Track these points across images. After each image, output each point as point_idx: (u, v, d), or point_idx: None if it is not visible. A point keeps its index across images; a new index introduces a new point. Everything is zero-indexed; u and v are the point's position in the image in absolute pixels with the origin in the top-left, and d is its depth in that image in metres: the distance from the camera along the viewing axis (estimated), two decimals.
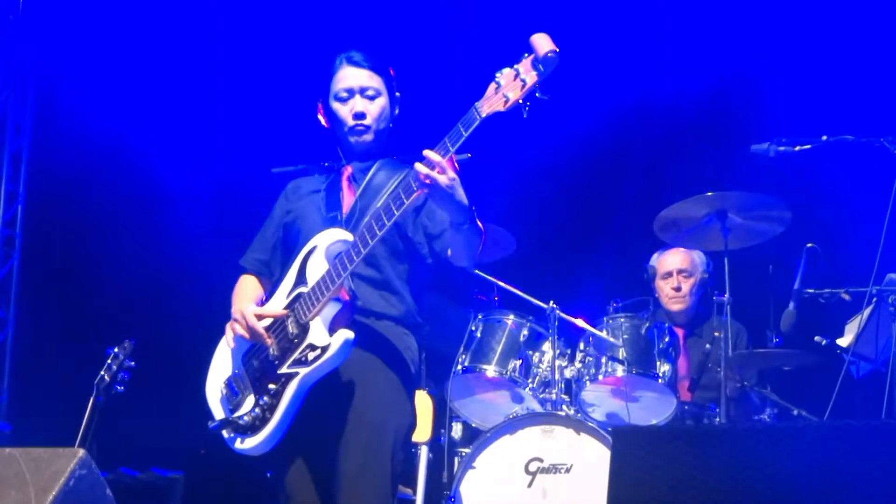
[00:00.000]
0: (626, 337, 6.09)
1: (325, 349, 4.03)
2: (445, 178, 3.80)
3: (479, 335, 6.22)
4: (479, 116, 3.77)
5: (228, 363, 4.35)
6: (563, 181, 8.08)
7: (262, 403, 4.12)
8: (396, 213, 3.92)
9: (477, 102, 3.79)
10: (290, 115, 7.35)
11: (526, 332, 6.19)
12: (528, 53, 3.70)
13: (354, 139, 4.36)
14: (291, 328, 4.13)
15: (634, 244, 7.24)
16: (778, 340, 6.09)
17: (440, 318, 6.69)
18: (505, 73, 3.75)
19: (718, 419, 6.00)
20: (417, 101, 4.56)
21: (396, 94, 4.42)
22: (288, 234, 4.44)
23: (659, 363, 6.02)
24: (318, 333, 4.08)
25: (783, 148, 5.75)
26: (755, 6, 7.72)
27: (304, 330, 4.11)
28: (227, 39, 8.27)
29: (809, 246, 5.88)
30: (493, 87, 3.76)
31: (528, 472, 5.76)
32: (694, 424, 6.03)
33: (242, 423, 4.15)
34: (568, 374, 6.12)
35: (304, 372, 4.06)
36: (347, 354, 4.03)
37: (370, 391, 4.12)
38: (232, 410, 4.24)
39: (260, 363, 4.21)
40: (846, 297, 5.76)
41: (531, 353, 6.17)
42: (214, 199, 8.16)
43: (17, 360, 8.27)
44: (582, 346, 6.19)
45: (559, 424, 5.82)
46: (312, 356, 4.05)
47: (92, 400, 5.57)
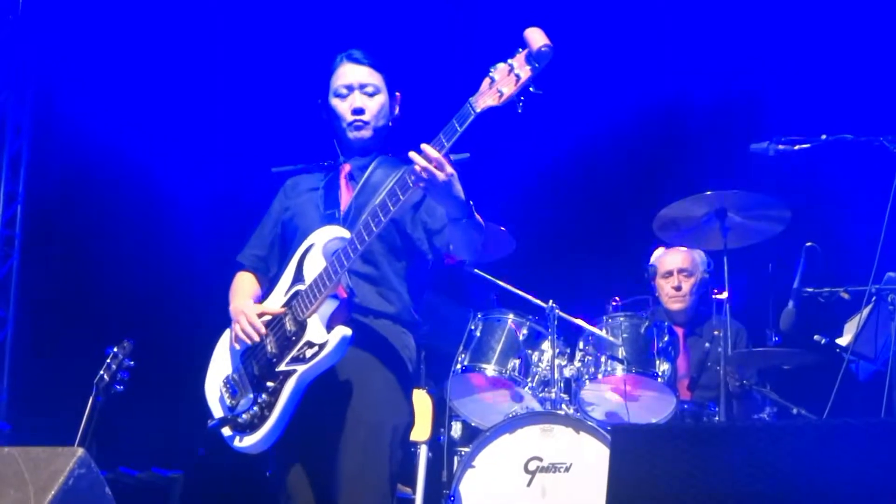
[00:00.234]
0: (625, 336, 6.09)
1: (322, 346, 4.03)
2: (442, 173, 3.81)
3: (478, 334, 6.22)
4: (473, 111, 3.77)
5: (227, 362, 4.35)
6: (562, 180, 8.08)
7: (260, 401, 4.13)
8: (393, 209, 3.93)
9: (471, 97, 3.79)
10: (290, 114, 7.37)
11: (525, 331, 6.19)
12: (521, 48, 3.70)
13: (353, 135, 4.36)
14: (289, 325, 4.14)
15: (634, 243, 7.24)
16: (777, 339, 6.09)
17: (440, 317, 6.70)
18: (499, 67, 3.75)
19: (718, 418, 6.00)
20: (414, 98, 4.56)
21: (396, 93, 4.43)
22: (286, 231, 4.44)
23: (658, 362, 6.02)
24: (315, 330, 4.08)
25: (782, 147, 5.75)
26: (756, 6, 7.72)
27: (301, 327, 4.11)
28: (226, 38, 8.27)
29: (809, 245, 5.88)
30: (487, 82, 3.76)
31: (527, 471, 5.76)
32: (693, 423, 6.03)
33: (241, 421, 4.15)
34: (567, 373, 6.12)
35: (301, 369, 4.06)
36: (345, 351, 4.03)
37: (368, 391, 4.13)
38: (231, 409, 4.24)
39: (258, 361, 4.21)
40: (846, 295, 5.76)
41: (530, 352, 6.17)
42: (214, 198, 8.17)
43: (16, 359, 8.27)
44: (581, 345, 6.19)
45: (558, 423, 5.82)
46: (310, 353, 4.05)
47: (91, 399, 5.57)
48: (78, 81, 8.27)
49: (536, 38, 3.67)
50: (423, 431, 6.10)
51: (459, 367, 6.17)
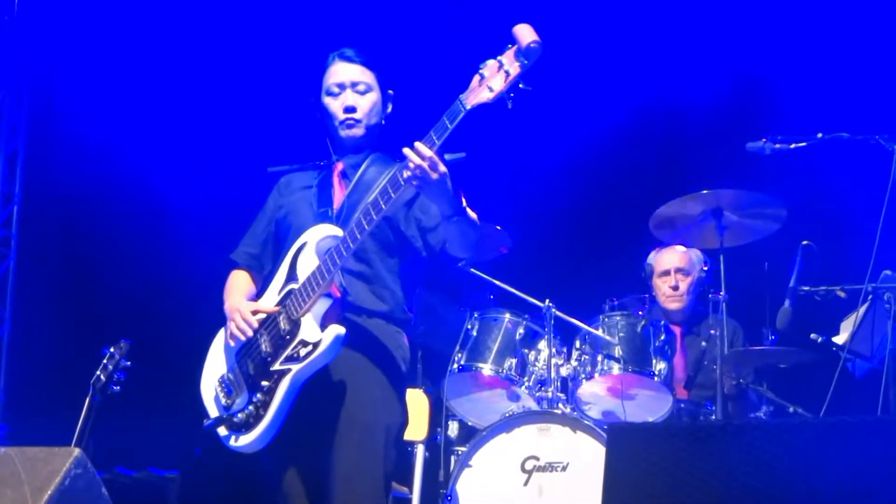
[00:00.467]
0: (622, 335, 6.09)
1: (316, 345, 4.04)
2: (435, 171, 3.81)
3: (475, 334, 6.22)
4: (463, 109, 3.77)
5: (222, 361, 4.35)
6: (559, 180, 8.08)
7: (255, 401, 4.13)
8: (385, 207, 3.94)
9: (461, 95, 3.79)
10: (286, 114, 7.36)
11: (522, 330, 6.19)
12: (511, 44, 3.70)
13: (345, 133, 4.37)
14: (283, 324, 4.14)
15: (630, 243, 7.24)
16: (774, 338, 6.10)
17: (436, 316, 6.70)
18: (489, 64, 3.75)
19: (714, 417, 6.00)
20: (408, 95, 4.56)
21: (389, 91, 4.43)
22: (279, 229, 4.46)
23: (655, 361, 6.02)
24: (309, 329, 4.09)
25: (779, 146, 5.75)
26: (752, 6, 7.72)
27: (295, 326, 4.12)
28: (222, 36, 8.27)
29: (805, 243, 5.88)
30: (477, 78, 3.76)
31: (524, 470, 5.76)
32: (690, 422, 6.03)
33: (236, 420, 4.16)
34: (564, 372, 6.12)
35: (296, 368, 4.07)
36: (339, 350, 4.04)
37: (361, 390, 4.14)
38: (226, 408, 4.24)
39: (253, 360, 4.22)
40: (842, 294, 5.76)
41: (527, 351, 6.17)
42: (210, 198, 8.16)
43: (13, 359, 8.27)
44: (578, 344, 6.19)
45: (555, 423, 5.82)
46: (304, 352, 4.06)
47: (88, 399, 5.57)
48: (74, 81, 8.26)
49: (525, 34, 3.68)
50: (419, 431, 6.10)
51: (456, 366, 6.17)
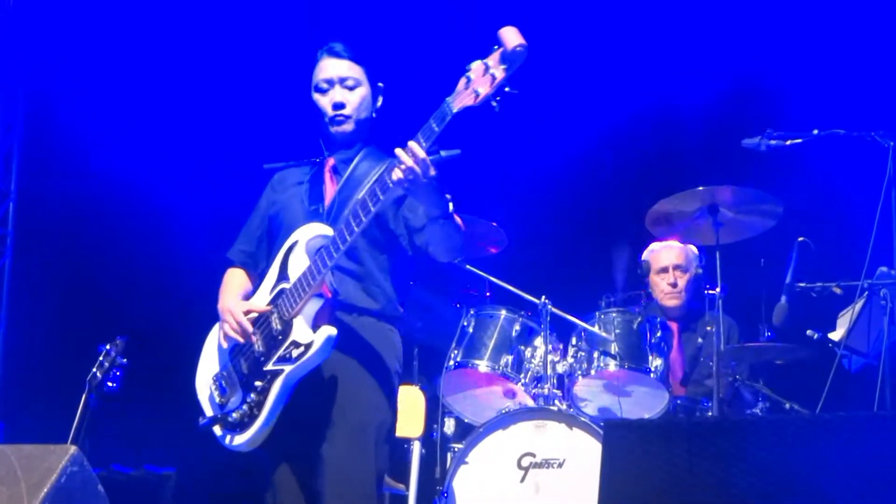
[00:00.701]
0: (618, 332, 6.09)
1: (308, 346, 4.05)
2: (425, 174, 3.83)
3: (470, 330, 6.22)
4: (450, 112, 3.78)
5: (216, 359, 4.36)
6: (554, 176, 8.07)
7: (249, 400, 4.15)
8: (373, 209, 3.95)
9: (448, 97, 3.80)
10: (283, 111, 7.35)
11: (518, 327, 6.19)
12: (497, 46, 3.70)
13: (335, 129, 4.38)
14: (275, 324, 4.15)
15: (626, 239, 7.24)
16: (770, 334, 6.10)
17: (432, 313, 6.70)
18: (475, 67, 3.75)
19: (711, 413, 6.00)
20: (401, 88, 4.56)
21: (379, 84, 4.44)
22: (272, 226, 4.47)
23: (651, 357, 6.02)
24: (301, 330, 4.10)
25: (774, 142, 5.76)
26: (747, 2, 7.72)
27: (287, 326, 4.12)
28: (218, 33, 8.25)
29: (801, 240, 5.89)
30: (463, 81, 3.77)
31: (520, 466, 5.76)
32: (686, 418, 6.03)
33: (231, 420, 4.17)
34: (560, 368, 6.11)
35: (288, 369, 4.08)
36: (330, 351, 4.06)
37: (353, 389, 4.16)
38: (221, 407, 4.25)
39: (246, 360, 4.22)
40: (838, 290, 5.77)
41: (523, 348, 6.16)
42: (207, 195, 8.15)
43: (9, 357, 8.25)
44: (574, 340, 6.19)
45: (551, 419, 5.82)
46: (296, 353, 4.07)
47: (84, 397, 5.57)
48: (69, 78, 8.25)
49: (511, 37, 3.68)
50: (416, 428, 6.10)
51: (452, 363, 6.16)
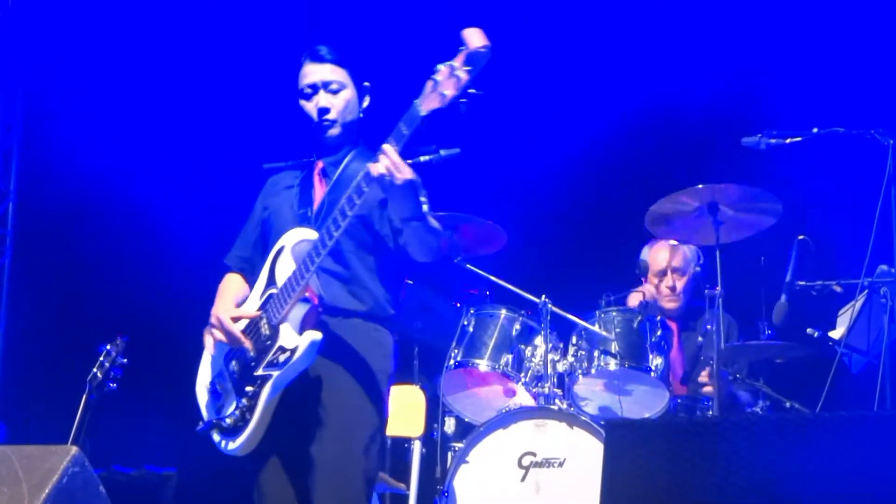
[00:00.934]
0: (618, 331, 6.08)
1: (293, 351, 4.07)
2: (400, 175, 3.87)
3: (471, 329, 6.21)
4: (418, 115, 3.83)
5: (214, 365, 4.39)
6: (554, 175, 8.07)
7: (240, 405, 4.17)
8: (350, 213, 3.98)
9: (416, 100, 3.84)
10: (282, 111, 7.34)
11: (518, 326, 6.18)
12: (462, 48, 3.73)
13: (322, 134, 4.39)
14: (264, 330, 4.17)
15: (626, 238, 7.23)
16: (770, 333, 6.09)
17: (432, 312, 6.70)
18: (441, 69, 3.79)
19: (711, 412, 6.00)
20: (393, 84, 4.57)
21: (365, 83, 4.45)
22: (264, 230, 4.49)
23: (651, 356, 6.02)
24: (287, 335, 4.12)
25: (774, 140, 5.76)
26: (746, 0, 7.72)
27: (275, 332, 4.15)
28: (218, 34, 8.26)
29: (801, 238, 5.89)
30: (430, 84, 3.82)
31: (521, 466, 5.76)
32: (687, 417, 6.03)
33: (225, 425, 4.20)
34: (560, 367, 6.11)
35: (276, 374, 4.10)
36: (315, 355, 4.08)
37: (340, 392, 4.18)
38: (217, 412, 4.28)
39: (239, 365, 4.25)
40: (838, 289, 5.77)
41: (523, 347, 6.16)
42: (207, 195, 8.16)
43: (9, 357, 8.26)
44: (574, 339, 6.18)
45: (552, 418, 5.82)
46: (283, 358, 4.09)
47: (85, 397, 5.57)
48: (69, 78, 8.25)
49: (474, 39, 3.72)
50: (416, 427, 6.10)
51: (452, 362, 6.16)
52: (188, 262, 7.68)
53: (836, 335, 5.72)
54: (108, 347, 5.68)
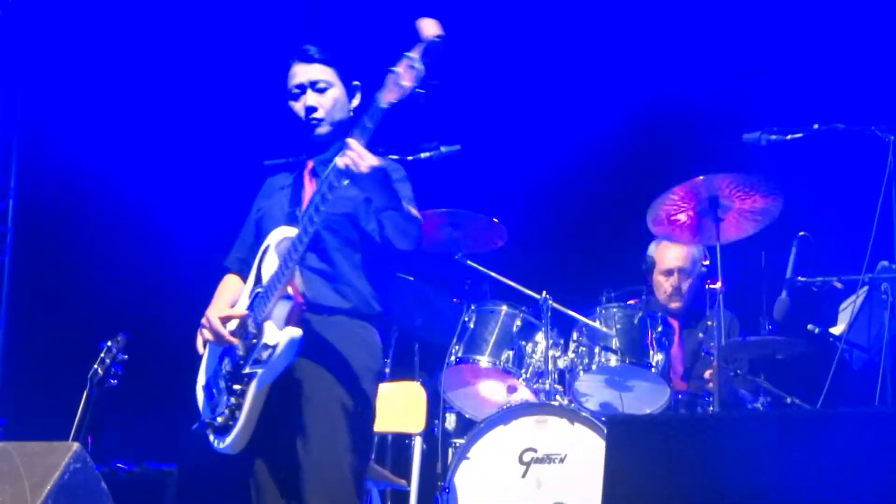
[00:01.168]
0: (619, 327, 6.08)
1: (274, 348, 4.09)
2: (364, 164, 3.88)
3: (471, 326, 6.22)
4: (379, 108, 3.87)
5: (210, 365, 4.42)
6: (555, 171, 8.07)
7: (230, 404, 4.20)
8: (322, 208, 4.02)
9: (378, 93, 3.87)
10: (282, 110, 7.34)
11: (519, 322, 6.18)
12: (419, 40, 3.76)
13: (311, 133, 4.41)
14: (251, 328, 4.21)
15: (627, 233, 7.23)
16: (771, 329, 6.09)
17: (433, 309, 6.71)
18: (401, 62, 3.83)
19: (712, 408, 6.00)
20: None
21: (354, 82, 4.46)
22: (258, 230, 4.52)
23: (652, 352, 6.02)
24: (270, 332, 4.15)
25: (775, 137, 5.76)
26: None
27: (260, 329, 4.18)
28: (217, 33, 8.25)
29: (802, 234, 5.89)
30: (390, 77, 3.86)
31: (522, 462, 5.77)
32: (688, 413, 6.03)
33: (217, 424, 4.24)
34: (561, 364, 6.11)
35: (260, 372, 4.12)
36: (296, 352, 4.10)
37: (323, 389, 4.18)
38: (212, 410, 4.31)
39: (230, 364, 4.28)
40: (839, 285, 5.77)
41: (524, 343, 6.16)
42: (208, 191, 8.16)
43: (10, 354, 8.26)
44: (575, 336, 6.18)
45: (553, 414, 5.82)
46: (266, 355, 4.12)
47: (86, 394, 5.58)
48: (68, 76, 8.25)
49: (429, 29, 3.77)
50: (417, 423, 6.10)
51: (453, 358, 6.17)
52: (189, 257, 7.68)
53: (836, 331, 5.72)
54: (108, 344, 5.68)
